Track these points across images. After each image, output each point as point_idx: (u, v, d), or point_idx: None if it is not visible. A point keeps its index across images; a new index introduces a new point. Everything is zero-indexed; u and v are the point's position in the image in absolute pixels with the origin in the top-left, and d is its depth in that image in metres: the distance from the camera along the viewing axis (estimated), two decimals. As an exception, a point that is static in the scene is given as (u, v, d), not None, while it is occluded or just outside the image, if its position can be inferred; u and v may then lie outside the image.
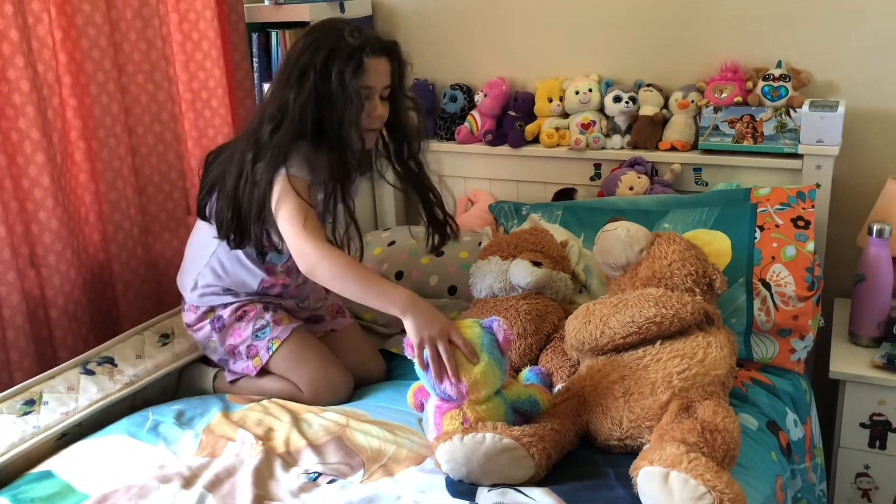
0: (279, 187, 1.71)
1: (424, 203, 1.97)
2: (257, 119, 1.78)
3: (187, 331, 1.98)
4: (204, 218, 1.88)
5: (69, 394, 1.79)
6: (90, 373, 1.85)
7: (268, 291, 1.94)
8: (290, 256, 1.79)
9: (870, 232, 1.98)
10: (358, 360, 2.00)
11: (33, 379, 1.81)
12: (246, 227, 1.77)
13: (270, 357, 1.88)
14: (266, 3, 2.47)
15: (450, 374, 1.50)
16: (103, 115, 2.07)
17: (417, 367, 1.55)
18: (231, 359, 1.93)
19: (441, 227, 1.98)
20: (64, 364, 1.87)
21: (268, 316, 1.91)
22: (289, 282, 1.96)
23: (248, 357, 1.90)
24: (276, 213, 1.71)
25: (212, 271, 1.91)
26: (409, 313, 1.56)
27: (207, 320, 1.92)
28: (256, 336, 1.89)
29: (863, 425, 1.97)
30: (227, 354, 1.93)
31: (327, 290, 2.18)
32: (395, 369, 2.03)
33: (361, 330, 2.13)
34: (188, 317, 1.96)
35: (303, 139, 1.72)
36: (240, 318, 1.91)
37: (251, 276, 1.91)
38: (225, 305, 1.91)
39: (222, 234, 1.81)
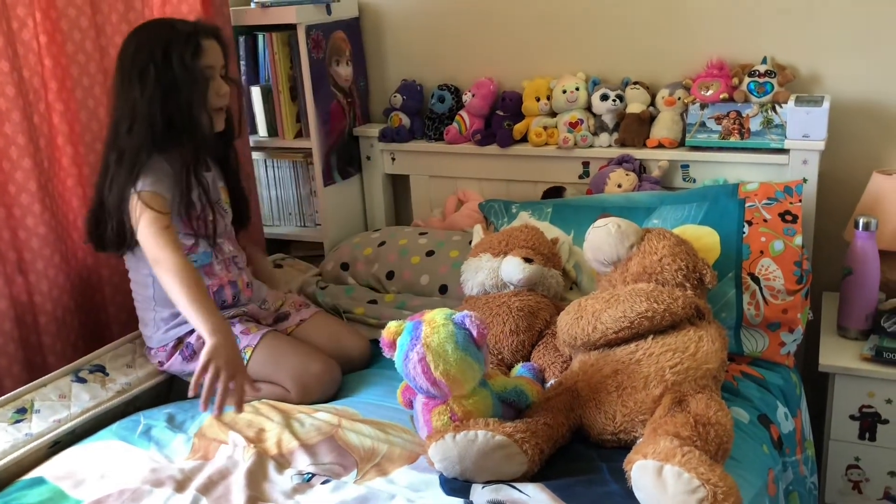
0: (134, 205, 1.78)
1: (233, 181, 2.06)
2: (112, 124, 1.85)
3: (158, 368, 1.96)
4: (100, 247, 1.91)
5: (61, 402, 1.78)
6: (82, 381, 1.85)
7: (223, 298, 1.94)
8: (215, 250, 1.92)
9: (856, 225, 2.00)
10: (335, 340, 2.00)
11: (24, 387, 1.80)
12: (112, 228, 1.82)
13: (246, 366, 1.86)
14: (252, 5, 2.46)
15: (212, 400, 1.56)
16: (90, 120, 2.06)
17: (397, 364, 1.54)
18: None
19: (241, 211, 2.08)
20: (55, 372, 1.86)
21: (235, 329, 1.89)
22: (233, 276, 1.96)
23: None
24: (136, 229, 1.78)
25: (163, 304, 1.90)
26: (211, 340, 1.60)
27: (177, 352, 1.91)
28: None
29: (852, 417, 1.99)
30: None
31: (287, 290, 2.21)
32: (381, 356, 2.02)
33: (330, 314, 2.13)
34: (159, 357, 1.94)
35: (154, 141, 1.79)
36: None
37: None
38: (190, 332, 1.90)
39: (90, 236, 1.88)
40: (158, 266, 1.74)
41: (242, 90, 2.05)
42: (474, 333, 1.49)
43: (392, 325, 1.55)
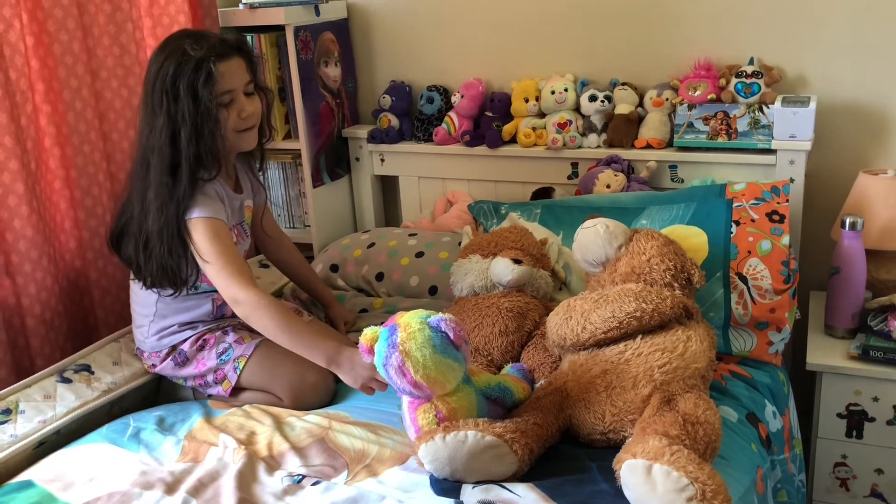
0: (195, 234, 1.73)
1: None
2: (140, 154, 1.78)
3: (150, 370, 1.95)
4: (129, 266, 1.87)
5: (46, 402, 1.77)
6: (67, 381, 1.83)
7: (223, 312, 1.94)
8: None
9: (843, 225, 2.01)
10: None
11: (9, 388, 1.79)
12: (169, 270, 1.77)
13: (239, 376, 1.86)
14: (241, 6, 2.46)
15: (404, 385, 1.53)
16: (77, 122, 2.05)
17: (378, 369, 1.53)
18: (202, 388, 1.92)
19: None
20: (40, 373, 1.85)
21: (229, 338, 1.89)
22: None
23: (216, 383, 1.88)
24: (200, 261, 1.74)
25: (163, 317, 1.90)
26: (340, 366, 1.66)
27: (169, 358, 1.90)
28: (221, 360, 1.87)
29: (840, 416, 2.00)
30: (196, 385, 1.92)
31: (278, 296, 2.20)
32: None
33: (324, 322, 2.12)
34: (151, 360, 1.93)
35: (173, 169, 1.73)
36: (201, 348, 1.89)
37: (203, 302, 1.91)
38: (184, 341, 1.89)
39: (144, 282, 1.82)
40: (240, 307, 1.71)
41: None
42: (451, 336, 1.48)
43: (368, 332, 1.53)
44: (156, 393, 2.01)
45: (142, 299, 1.91)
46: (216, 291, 1.90)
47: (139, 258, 1.79)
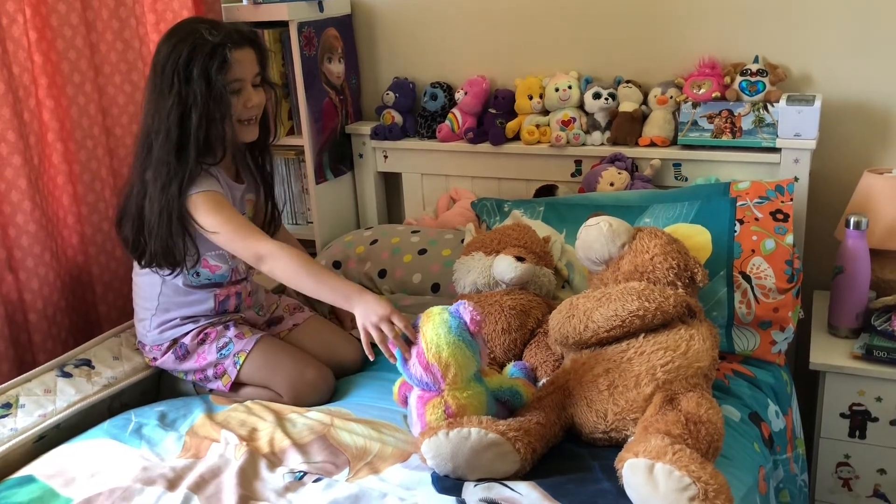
0: (196, 210, 1.74)
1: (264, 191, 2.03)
2: (143, 135, 1.78)
3: (151, 364, 1.95)
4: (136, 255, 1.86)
5: (46, 396, 1.77)
6: (67, 375, 1.84)
7: (226, 307, 1.94)
8: (230, 270, 1.88)
9: (847, 224, 2.01)
10: (327, 346, 1.99)
11: (9, 382, 1.79)
12: (169, 250, 1.77)
13: (239, 371, 1.86)
14: (244, 2, 2.45)
15: (399, 348, 1.54)
16: (80, 117, 2.05)
17: (397, 354, 1.56)
18: (202, 382, 1.92)
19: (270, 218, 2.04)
20: (40, 367, 1.86)
21: (230, 333, 1.89)
22: (239, 289, 1.95)
23: (216, 377, 1.88)
24: (210, 235, 1.74)
25: (165, 310, 1.90)
26: (354, 304, 1.64)
27: (170, 351, 1.90)
28: (221, 354, 1.87)
29: (843, 415, 2.00)
30: (196, 379, 1.92)
31: (280, 292, 2.19)
32: (372, 361, 2.02)
33: (324, 318, 2.12)
34: (153, 353, 1.93)
35: (181, 154, 1.73)
36: (202, 342, 1.89)
37: (205, 298, 1.91)
38: (185, 334, 1.90)
39: (145, 262, 1.82)
40: (262, 262, 1.71)
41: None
42: (467, 319, 1.52)
43: None
44: (156, 388, 2.01)
45: (145, 293, 1.91)
46: (218, 286, 1.91)
47: (137, 237, 1.80)
